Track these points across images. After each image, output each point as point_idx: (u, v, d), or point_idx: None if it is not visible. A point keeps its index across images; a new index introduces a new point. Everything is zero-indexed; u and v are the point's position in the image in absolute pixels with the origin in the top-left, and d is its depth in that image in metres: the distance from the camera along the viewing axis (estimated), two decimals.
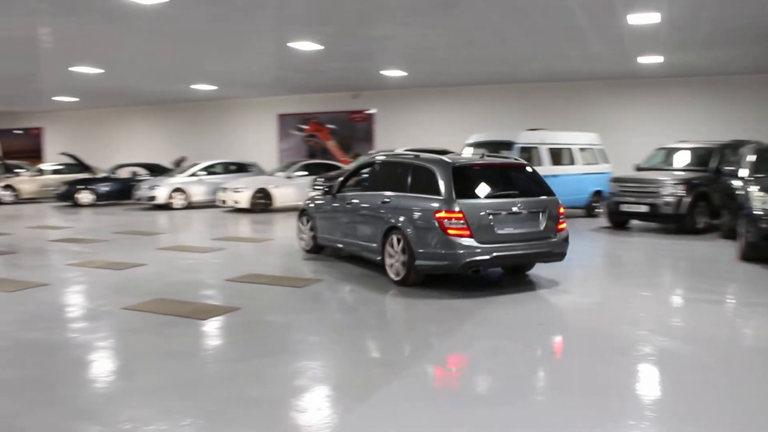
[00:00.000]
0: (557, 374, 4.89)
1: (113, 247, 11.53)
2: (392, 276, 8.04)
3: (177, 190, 19.61)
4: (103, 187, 21.86)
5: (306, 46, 13.98)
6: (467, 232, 7.31)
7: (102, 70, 17.49)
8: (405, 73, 18.42)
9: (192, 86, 21.47)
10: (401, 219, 7.88)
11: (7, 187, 23.03)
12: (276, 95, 24.47)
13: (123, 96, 24.25)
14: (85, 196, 21.52)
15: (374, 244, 8.43)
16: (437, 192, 7.63)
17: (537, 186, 8.15)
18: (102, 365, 5.23)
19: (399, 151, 17.18)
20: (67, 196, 21.59)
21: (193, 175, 20.07)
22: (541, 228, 7.79)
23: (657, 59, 15.56)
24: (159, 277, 8.73)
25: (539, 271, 8.80)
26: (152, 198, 19.42)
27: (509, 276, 8.60)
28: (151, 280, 8.50)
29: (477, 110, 21.20)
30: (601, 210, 15.06)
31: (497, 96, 20.97)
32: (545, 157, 14.71)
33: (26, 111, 30.44)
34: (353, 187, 9.74)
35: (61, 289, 8.14)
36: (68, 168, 24.76)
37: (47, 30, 12.65)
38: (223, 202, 18.30)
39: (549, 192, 8.07)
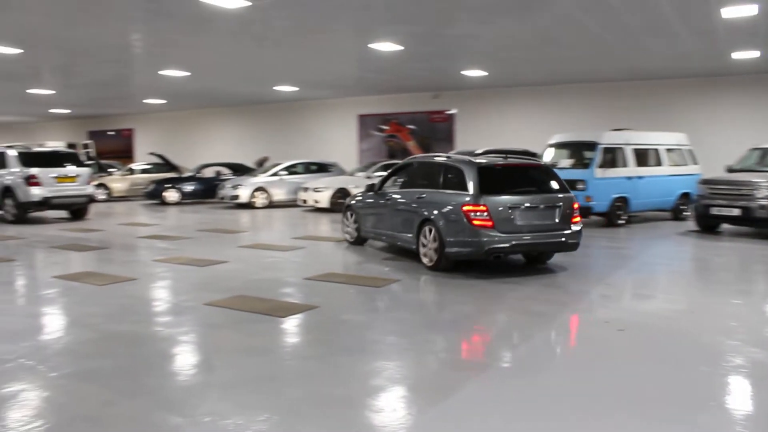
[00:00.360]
0: (640, 384, 4.71)
1: (197, 245, 11.87)
2: (426, 262, 9.04)
3: (259, 189, 20.03)
4: (189, 186, 22.57)
5: (386, 46, 14.02)
6: (490, 223, 8.31)
7: (188, 73, 18.05)
8: (485, 73, 18.22)
9: (275, 88, 21.88)
10: (434, 212, 8.93)
11: (101, 185, 24.05)
12: (356, 96, 24.66)
13: (208, 98, 24.95)
14: (171, 195, 22.28)
15: (410, 235, 9.49)
16: (465, 188, 8.64)
17: (553, 184, 9.09)
18: (184, 358, 5.38)
19: (479, 151, 17.06)
20: (154, 195, 22.42)
21: (274, 174, 20.46)
22: (557, 221, 8.71)
23: (753, 54, 14.81)
24: (240, 275, 8.92)
25: (623, 274, 8.54)
26: (235, 197, 19.91)
27: (534, 266, 8.39)
28: (232, 277, 8.69)
29: (559, 110, 20.77)
30: (689, 213, 14.48)
31: (580, 95, 20.47)
32: (630, 157, 14.28)
33: (119, 113, 31.75)
34: (392, 185, 10.77)
35: (148, 283, 8.42)
36: (156, 167, 25.72)
37: (138, 36, 13.15)
38: (304, 201, 18.58)
39: (565, 190, 9.04)
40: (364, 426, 3.93)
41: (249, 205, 19.80)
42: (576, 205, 8.99)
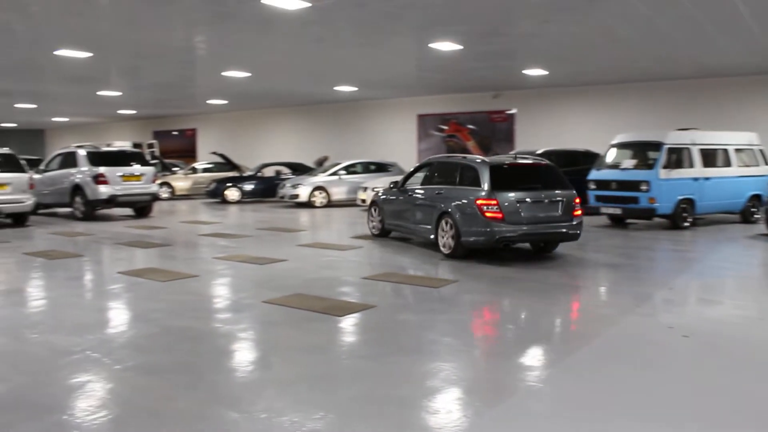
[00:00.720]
0: (709, 395, 4.54)
1: (257, 243, 12.04)
2: (444, 250, 10.13)
3: (318, 188, 20.20)
4: (249, 185, 22.94)
5: (446, 46, 13.95)
6: (500, 215, 9.37)
7: (249, 74, 18.32)
8: (546, 72, 17.95)
9: (335, 88, 22.03)
10: (451, 206, 9.99)
11: (164, 184, 24.65)
12: (416, 96, 24.63)
13: (269, 98, 25.28)
14: (232, 194, 22.68)
15: (429, 226, 10.54)
16: (478, 185, 9.71)
17: (557, 181, 10.05)
18: (242, 355, 5.45)
19: (539, 152, 16.83)
20: (216, 194, 22.86)
21: (334, 174, 20.60)
22: (559, 213, 9.74)
23: None
24: (299, 273, 9.00)
25: (688, 278, 8.28)
26: (295, 196, 20.13)
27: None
28: (291, 276, 8.78)
29: (622, 109, 20.29)
30: (760, 216, 13.95)
31: (644, 94, 19.94)
32: (696, 158, 13.84)
33: (182, 114, 32.48)
34: (413, 182, 11.82)
35: (209, 280, 8.58)
36: (218, 167, 26.20)
37: (202, 38, 13.42)
38: (363, 201, 18.65)
39: (567, 186, 10.02)
40: (420, 427, 3.90)
41: (308, 204, 19.99)
42: (577, 200, 10.00)
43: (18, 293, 7.90)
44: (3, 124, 38.31)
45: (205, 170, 26.41)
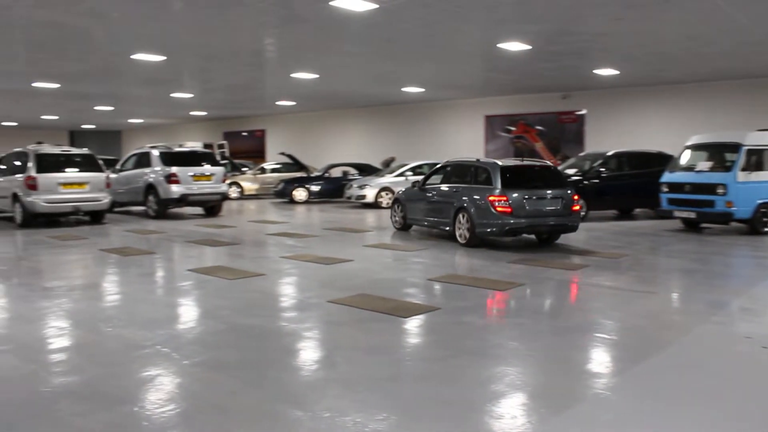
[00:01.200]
0: None
1: (323, 243, 12.14)
2: (460, 240, 11.60)
3: (385, 189, 20.26)
4: (317, 186, 23.18)
5: (515, 46, 13.77)
6: (509, 209, 10.86)
7: (317, 76, 18.51)
8: (617, 72, 17.53)
9: (402, 89, 22.05)
10: (467, 202, 11.46)
11: (234, 184, 25.14)
12: (483, 96, 24.43)
13: (336, 99, 25.48)
14: (300, 194, 22.97)
15: (447, 220, 12.02)
16: (490, 183, 11.20)
17: (558, 180, 11.63)
18: (307, 354, 5.50)
19: (610, 153, 16.44)
20: (284, 194, 23.19)
21: (401, 175, 20.63)
22: (560, 208, 11.16)
23: None
24: (364, 273, 9.03)
25: (765, 287, 7.94)
26: (361, 197, 20.25)
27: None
28: (356, 276, 8.82)
29: (698, 109, 19.61)
30: None
31: (721, 93, 19.21)
32: None
33: (251, 115, 33.08)
34: (432, 182, 13.18)
35: (275, 279, 8.69)
36: (286, 167, 26.57)
37: (271, 41, 13.62)
38: None
39: (567, 185, 11.65)
40: None
41: (375, 205, 20.06)
42: (576, 197, 11.43)
43: (94, 288, 8.18)
44: (83, 126, 39.85)
45: (274, 170, 26.82)
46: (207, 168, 17.68)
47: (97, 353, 5.39)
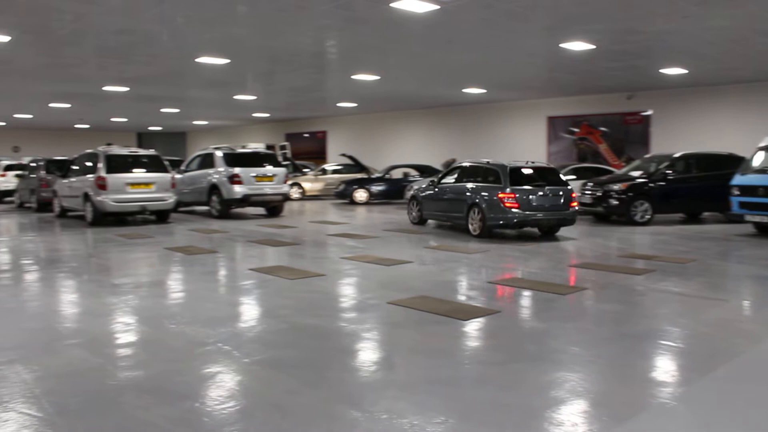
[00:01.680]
0: None
1: (384, 244, 12.16)
2: (473, 232, 13.17)
3: None
4: (377, 187, 23.25)
5: (578, 46, 13.52)
6: (516, 205, 12.49)
7: (378, 77, 18.56)
8: (685, 71, 17.02)
9: (463, 90, 21.93)
10: (478, 198, 13.06)
11: (295, 185, 25.43)
12: (546, 97, 24.09)
13: (397, 100, 25.51)
14: (360, 195, 23.07)
15: (461, 214, 13.61)
16: (500, 182, 12.81)
17: (558, 179, 13.21)
18: (366, 355, 5.50)
19: (677, 155, 15.98)
20: (344, 195, 23.34)
21: None
22: (561, 203, 12.83)
23: None
24: (424, 275, 9.00)
25: None
26: None
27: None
28: (416, 278, 8.79)
29: None
30: None
31: None
32: None
33: (313, 116, 33.41)
34: (446, 181, 14.80)
35: (335, 280, 8.74)
36: (347, 168, 26.74)
37: (332, 43, 13.72)
38: None
39: (565, 183, 13.19)
40: None
41: None
42: (574, 194, 13.09)
43: (159, 285, 8.38)
44: (150, 128, 40.97)
45: (335, 171, 27.03)
46: (269, 169, 17.92)
47: (161, 349, 5.52)
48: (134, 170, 16.20)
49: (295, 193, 25.24)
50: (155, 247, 11.96)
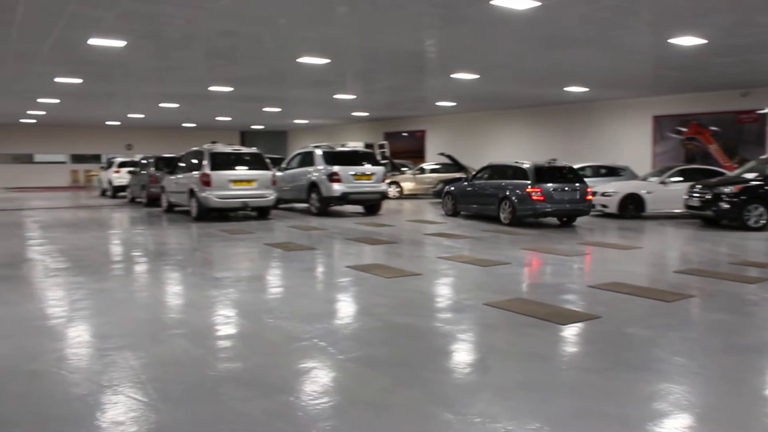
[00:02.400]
0: None
1: (481, 244, 12.04)
2: (504, 221, 15.57)
3: None
4: None
5: (688, 41, 12.92)
6: (542, 198, 14.86)
7: (478, 76, 18.38)
8: None
9: (565, 89, 21.43)
10: (508, 192, 15.50)
11: (393, 183, 25.55)
12: (651, 96, 23.19)
13: (497, 99, 25.21)
14: None
15: (493, 206, 16.08)
16: (527, 179, 15.17)
17: (576, 176, 15.64)
18: (460, 356, 5.44)
19: None
20: (441, 194, 23.23)
21: None
22: (577, 197, 15.22)
23: None
24: (521, 277, 8.85)
25: None
26: None
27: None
28: (513, 279, 8.65)
29: None
30: None
31: None
32: None
33: (412, 115, 33.48)
34: (478, 179, 17.23)
35: (432, 279, 8.70)
36: (445, 167, 26.64)
37: (432, 42, 13.67)
38: (603, 206, 17.94)
39: (582, 180, 15.62)
40: None
41: None
42: (588, 189, 15.48)
43: (259, 280, 8.61)
44: (252, 126, 42.22)
45: (433, 171, 26.99)
46: (368, 167, 18.09)
47: (259, 342, 5.65)
48: (237, 168, 16.70)
49: (393, 191, 25.36)
50: (256, 242, 12.30)
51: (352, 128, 38.93)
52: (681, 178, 17.21)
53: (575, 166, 20.13)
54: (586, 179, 19.80)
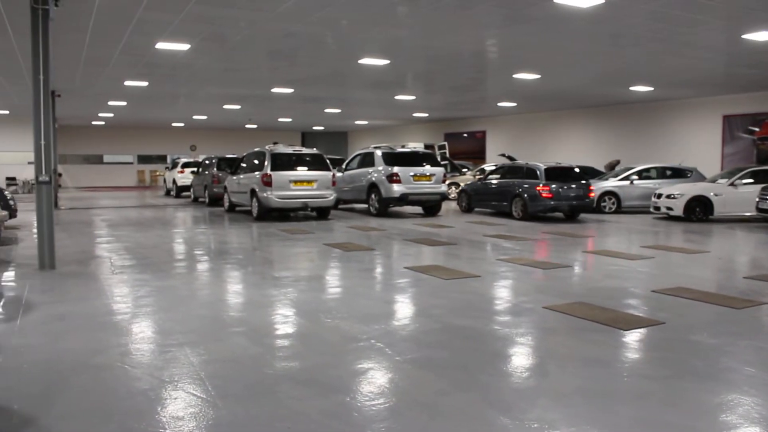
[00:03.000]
0: None
1: (542, 247, 11.86)
2: (516, 216, 17.45)
3: (608, 193, 19.37)
4: None
5: (763, 36, 12.45)
6: (550, 195, 16.73)
7: (539, 76, 18.13)
8: None
9: (630, 88, 20.95)
10: (520, 190, 17.23)
11: (453, 184, 25.42)
12: (721, 94, 22.47)
13: (559, 100, 24.82)
14: None
15: (506, 203, 17.75)
16: (537, 177, 17.04)
17: (579, 176, 17.36)
18: (518, 360, 5.35)
19: None
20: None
21: (625, 179, 19.60)
22: (582, 194, 17.06)
23: None
24: (582, 280, 8.67)
25: None
26: None
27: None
28: (574, 283, 8.49)
29: None
30: None
31: None
32: None
33: (473, 116, 33.28)
34: (491, 178, 19.09)
35: (490, 281, 8.61)
36: None
37: (493, 41, 13.55)
38: (656, 208, 17.48)
39: (585, 179, 17.44)
40: None
41: (597, 210, 19.25)
42: (591, 187, 17.42)
43: (318, 280, 8.67)
44: (313, 127, 42.65)
45: (493, 172, 26.73)
46: (427, 168, 18.05)
47: (317, 342, 5.68)
48: (298, 168, 16.89)
49: (452, 192, 25.25)
50: (315, 242, 12.40)
51: (413, 129, 38.92)
52: (752, 180, 16.60)
53: (638, 168, 19.84)
54: (651, 181, 19.53)
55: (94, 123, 38.11)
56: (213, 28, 12.10)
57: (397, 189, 17.50)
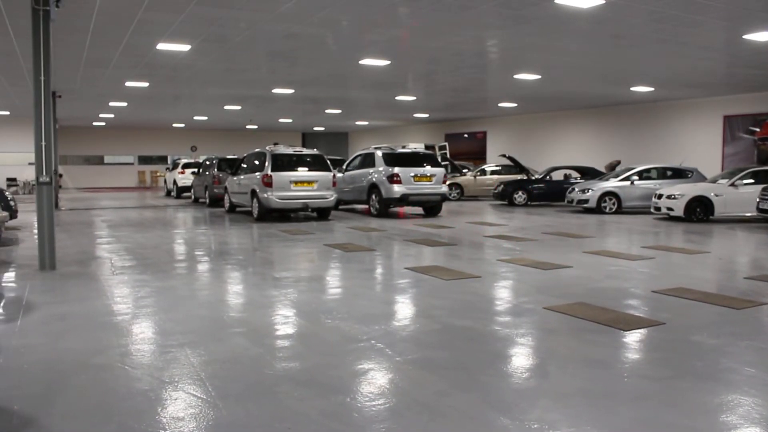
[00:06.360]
0: None
1: (541, 247, 11.85)
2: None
3: (608, 194, 19.37)
4: (537, 189, 22.74)
5: (764, 36, 12.44)
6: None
7: (540, 76, 18.12)
8: None
9: (630, 89, 20.95)
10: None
11: (454, 185, 25.42)
12: (722, 95, 22.46)
13: (559, 100, 24.82)
14: (519, 196, 22.66)
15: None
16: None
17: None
18: (519, 360, 5.34)
19: None
20: (503, 196, 23.03)
21: (626, 179, 19.60)
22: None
23: None
24: (583, 281, 8.66)
25: None
26: (583, 201, 19.52)
27: None
28: (574, 283, 8.48)
29: None
30: None
31: None
32: None
33: (473, 116, 33.28)
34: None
35: (491, 282, 8.60)
36: (506, 169, 26.39)
37: (494, 42, 13.55)
38: (657, 208, 17.47)
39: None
40: None
41: (597, 210, 19.25)
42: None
43: (318, 281, 8.66)
44: (314, 128, 42.66)
45: (494, 172, 26.77)
46: (428, 169, 18.04)
47: (317, 343, 5.68)
48: (298, 169, 16.89)
49: (453, 193, 25.24)
50: (315, 243, 12.40)
51: (413, 129, 38.93)
52: (752, 181, 16.58)
53: (638, 168, 19.81)
54: (651, 182, 19.49)
55: (94, 124, 38.14)
56: (213, 29, 12.10)
57: (397, 189, 17.50)
